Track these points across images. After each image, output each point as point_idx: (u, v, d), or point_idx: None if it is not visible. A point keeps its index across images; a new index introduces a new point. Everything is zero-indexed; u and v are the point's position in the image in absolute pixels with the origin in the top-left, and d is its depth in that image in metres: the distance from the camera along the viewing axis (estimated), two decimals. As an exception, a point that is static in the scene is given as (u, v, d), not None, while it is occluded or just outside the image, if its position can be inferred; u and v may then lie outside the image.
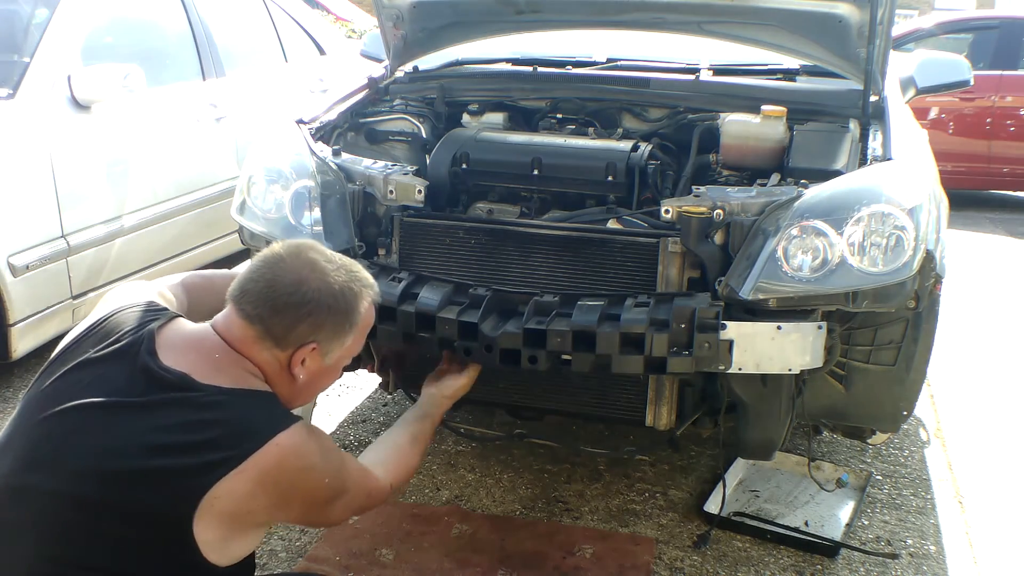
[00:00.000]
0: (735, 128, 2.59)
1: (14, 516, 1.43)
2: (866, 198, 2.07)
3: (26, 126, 3.28)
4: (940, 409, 3.51)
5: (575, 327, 2.01)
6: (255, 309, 1.52)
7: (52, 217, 3.33)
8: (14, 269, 3.17)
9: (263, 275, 1.54)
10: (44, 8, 3.65)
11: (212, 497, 1.37)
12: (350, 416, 3.32)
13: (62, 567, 1.39)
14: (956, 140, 7.41)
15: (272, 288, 1.53)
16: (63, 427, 1.43)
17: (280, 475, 1.43)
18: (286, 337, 1.53)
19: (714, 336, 1.99)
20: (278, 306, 1.52)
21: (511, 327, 2.05)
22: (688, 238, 2.13)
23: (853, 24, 2.67)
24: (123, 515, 1.39)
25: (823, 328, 2.07)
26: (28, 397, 1.53)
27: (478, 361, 2.09)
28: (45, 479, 1.41)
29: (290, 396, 1.59)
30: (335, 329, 1.57)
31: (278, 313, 1.52)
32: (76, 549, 1.39)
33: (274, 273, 1.54)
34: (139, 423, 1.41)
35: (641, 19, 3.04)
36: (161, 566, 1.40)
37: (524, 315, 2.07)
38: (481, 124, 2.90)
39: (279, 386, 1.56)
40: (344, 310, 1.58)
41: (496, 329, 2.06)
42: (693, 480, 2.88)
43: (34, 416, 1.47)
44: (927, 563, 2.49)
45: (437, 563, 2.40)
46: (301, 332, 1.53)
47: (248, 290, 1.54)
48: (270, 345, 1.53)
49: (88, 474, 1.39)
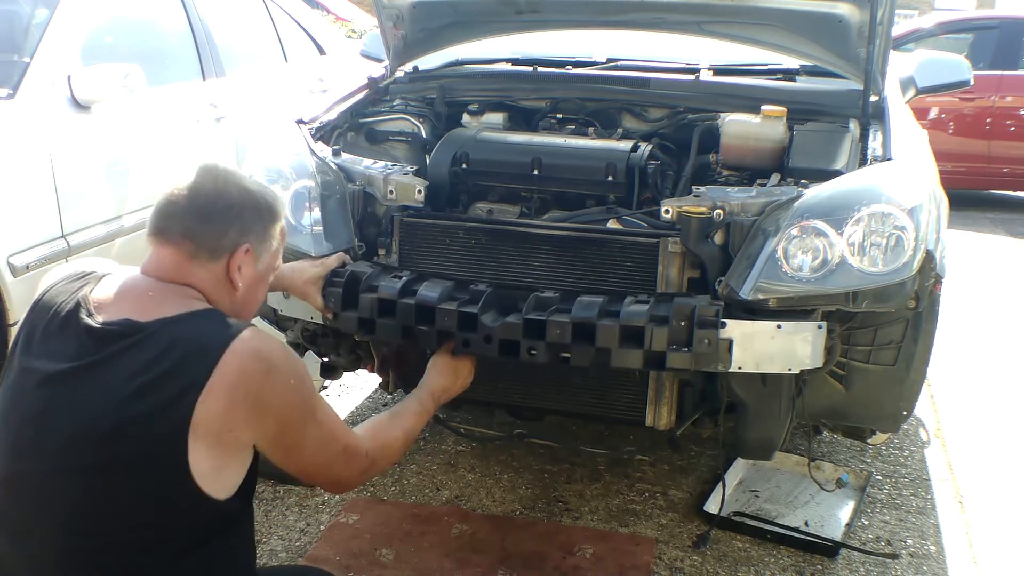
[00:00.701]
0: (735, 128, 2.59)
1: (19, 509, 1.45)
2: (866, 198, 2.07)
3: (26, 126, 3.27)
4: (940, 409, 3.51)
5: (575, 319, 2.01)
6: (182, 225, 1.53)
7: (52, 217, 3.33)
8: (14, 269, 3.16)
9: (181, 194, 1.56)
10: (44, 8, 3.65)
11: (194, 425, 1.38)
12: (350, 416, 3.32)
13: (84, 540, 1.41)
14: (956, 140, 7.41)
15: (195, 200, 1.55)
16: (34, 409, 1.45)
17: (246, 382, 1.43)
18: (219, 245, 1.55)
19: (714, 333, 1.99)
20: (204, 215, 1.54)
21: (511, 319, 2.06)
22: (688, 238, 2.13)
23: (853, 24, 2.67)
24: (120, 472, 1.40)
25: (823, 328, 2.07)
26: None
27: (477, 352, 2.09)
28: (35, 463, 1.43)
29: (232, 310, 1.61)
30: (263, 229, 1.61)
31: (207, 222, 1.54)
32: (88, 520, 1.41)
33: (193, 189, 1.56)
34: (103, 380, 1.42)
35: (641, 19, 3.04)
36: (169, 510, 1.42)
37: (524, 309, 2.08)
38: (481, 124, 2.90)
39: (220, 302, 1.58)
40: (268, 209, 1.62)
41: (496, 320, 2.06)
42: (693, 480, 2.88)
43: (5, 412, 1.49)
44: (927, 563, 2.49)
45: (437, 563, 2.40)
46: (232, 237, 1.56)
47: (171, 213, 1.55)
48: (204, 260, 1.54)
49: (74, 444, 1.41)
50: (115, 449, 1.39)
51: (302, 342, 2.55)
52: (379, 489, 2.80)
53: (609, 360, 2.03)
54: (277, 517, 2.63)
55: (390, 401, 3.42)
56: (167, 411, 1.39)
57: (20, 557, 1.46)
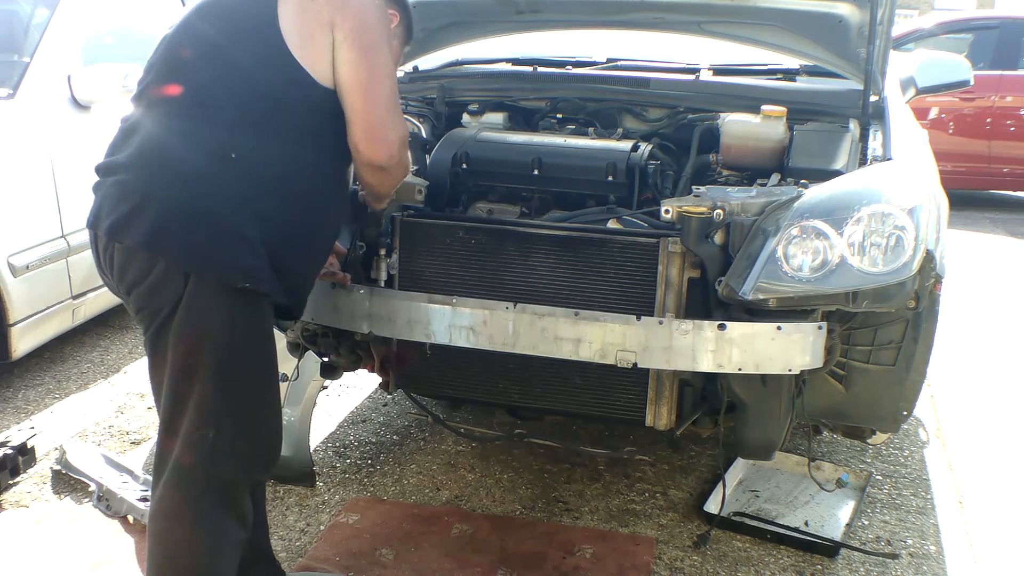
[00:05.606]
0: (735, 128, 2.59)
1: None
2: (866, 198, 2.07)
3: (26, 126, 3.28)
4: (940, 409, 3.51)
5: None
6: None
7: (52, 217, 3.34)
8: (14, 269, 3.17)
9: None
10: (44, 8, 3.65)
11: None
12: (350, 416, 3.32)
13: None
14: (956, 140, 7.42)
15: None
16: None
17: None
18: None
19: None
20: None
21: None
22: (688, 238, 2.13)
23: (853, 24, 2.67)
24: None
25: (823, 328, 2.07)
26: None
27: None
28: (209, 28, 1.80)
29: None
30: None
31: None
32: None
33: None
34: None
35: (641, 19, 3.04)
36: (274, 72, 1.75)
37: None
38: (481, 124, 2.90)
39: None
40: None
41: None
42: (693, 480, 2.88)
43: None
44: (927, 563, 2.49)
45: (437, 563, 2.40)
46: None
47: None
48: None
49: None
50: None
51: (302, 342, 2.55)
52: (379, 489, 2.80)
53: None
54: (277, 517, 2.63)
55: (390, 401, 3.42)
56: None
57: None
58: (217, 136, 1.72)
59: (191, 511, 1.77)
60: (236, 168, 1.71)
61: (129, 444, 3.10)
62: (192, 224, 1.69)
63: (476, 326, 2.18)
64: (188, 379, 1.73)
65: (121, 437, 3.14)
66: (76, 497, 2.73)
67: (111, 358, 3.85)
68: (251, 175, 1.73)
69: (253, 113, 1.74)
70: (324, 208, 1.87)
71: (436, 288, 2.28)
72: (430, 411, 2.85)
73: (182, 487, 1.77)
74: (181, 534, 1.78)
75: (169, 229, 1.68)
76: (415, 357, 2.40)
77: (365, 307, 2.27)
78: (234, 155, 1.71)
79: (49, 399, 3.43)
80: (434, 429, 3.16)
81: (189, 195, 1.69)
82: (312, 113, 1.79)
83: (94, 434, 3.16)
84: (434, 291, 2.26)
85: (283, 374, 2.57)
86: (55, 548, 2.46)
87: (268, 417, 1.87)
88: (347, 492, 2.78)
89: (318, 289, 2.29)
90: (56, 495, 2.75)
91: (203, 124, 1.73)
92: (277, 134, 1.76)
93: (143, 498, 2.60)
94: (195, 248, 1.69)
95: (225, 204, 1.70)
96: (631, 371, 2.17)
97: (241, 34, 1.77)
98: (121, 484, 2.69)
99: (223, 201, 1.70)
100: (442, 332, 2.21)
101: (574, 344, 2.13)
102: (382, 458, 3.00)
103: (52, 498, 2.73)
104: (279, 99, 1.76)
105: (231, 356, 1.74)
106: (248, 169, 1.72)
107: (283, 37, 1.74)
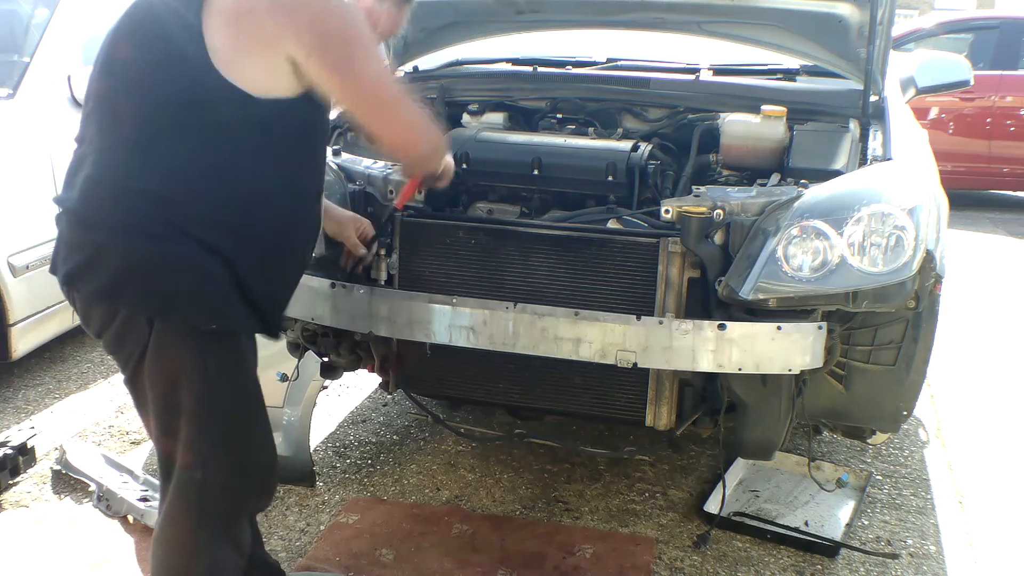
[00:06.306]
0: (735, 128, 2.59)
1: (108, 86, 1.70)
2: (866, 198, 2.07)
3: (26, 126, 3.28)
4: (940, 409, 3.51)
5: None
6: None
7: (52, 217, 3.33)
8: (14, 269, 3.17)
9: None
10: (44, 8, 3.65)
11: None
12: (350, 416, 3.32)
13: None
14: (956, 140, 7.42)
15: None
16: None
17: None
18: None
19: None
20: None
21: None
22: (688, 238, 2.13)
23: (853, 24, 2.67)
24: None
25: (823, 328, 2.07)
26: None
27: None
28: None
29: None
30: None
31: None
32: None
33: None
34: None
35: (641, 19, 3.04)
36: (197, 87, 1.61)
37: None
38: (481, 124, 2.90)
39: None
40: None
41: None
42: (693, 480, 2.88)
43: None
44: (927, 563, 2.49)
45: (437, 563, 2.40)
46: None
47: None
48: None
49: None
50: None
51: (302, 342, 2.55)
52: (379, 489, 2.80)
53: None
54: (277, 517, 2.63)
55: (390, 401, 3.42)
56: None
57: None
58: (160, 168, 1.62)
59: (187, 544, 1.77)
60: (186, 199, 1.62)
61: (129, 444, 3.10)
62: (150, 269, 1.62)
63: (476, 326, 2.18)
64: (173, 414, 1.71)
65: (121, 437, 3.14)
66: (76, 497, 2.73)
67: (111, 358, 3.85)
68: (203, 203, 1.63)
69: (191, 140, 1.63)
70: (289, 219, 1.77)
71: (436, 288, 2.28)
72: (430, 411, 2.85)
73: (177, 524, 1.77)
74: (180, 566, 1.78)
75: (126, 278, 1.62)
76: (415, 357, 2.40)
77: (365, 307, 2.27)
78: (182, 187, 1.62)
79: (49, 399, 3.43)
80: (434, 429, 3.16)
81: (141, 239, 1.61)
82: (254, 127, 1.66)
83: (94, 434, 3.16)
84: (434, 291, 2.26)
85: (283, 374, 2.57)
86: (55, 548, 2.46)
87: (258, 448, 1.84)
88: (347, 492, 2.78)
89: (318, 289, 2.29)
90: (56, 495, 2.75)
91: (144, 157, 1.63)
92: (224, 156, 1.65)
93: (143, 498, 2.60)
94: (155, 292, 1.63)
95: (180, 242, 1.61)
96: (631, 371, 2.17)
97: (166, 61, 1.64)
98: (121, 484, 2.69)
99: (178, 239, 1.61)
100: (442, 332, 2.21)
101: (574, 344, 2.13)
102: (382, 458, 3.00)
103: (52, 498, 2.73)
104: (218, 121, 1.64)
105: (210, 393, 1.70)
106: (199, 198, 1.63)
107: (208, 56, 1.60)
